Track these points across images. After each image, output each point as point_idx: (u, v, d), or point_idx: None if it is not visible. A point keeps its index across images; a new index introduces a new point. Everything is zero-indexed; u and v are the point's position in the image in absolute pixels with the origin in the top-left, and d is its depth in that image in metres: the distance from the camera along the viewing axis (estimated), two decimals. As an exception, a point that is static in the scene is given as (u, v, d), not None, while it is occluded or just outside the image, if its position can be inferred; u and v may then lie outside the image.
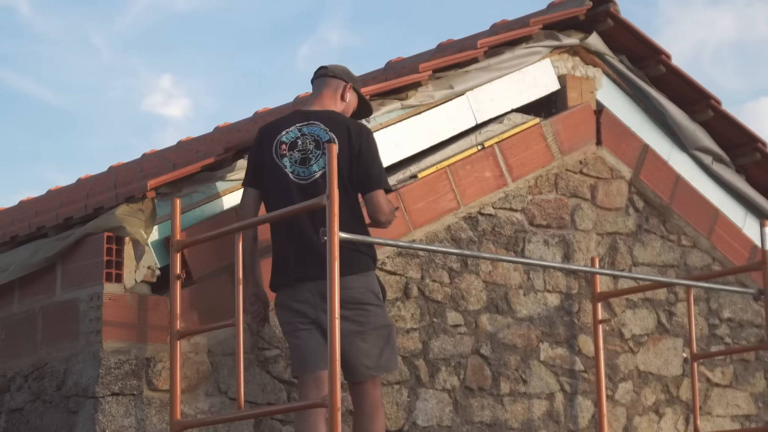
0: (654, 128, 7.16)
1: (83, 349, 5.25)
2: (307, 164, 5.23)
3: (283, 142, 5.28)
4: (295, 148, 5.26)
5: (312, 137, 5.27)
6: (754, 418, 7.19)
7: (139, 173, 6.45)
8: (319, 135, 5.26)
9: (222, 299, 5.42)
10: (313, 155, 5.23)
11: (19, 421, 5.49)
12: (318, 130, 5.28)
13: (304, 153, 5.25)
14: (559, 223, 6.67)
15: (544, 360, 6.46)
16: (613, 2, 6.87)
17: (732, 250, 7.28)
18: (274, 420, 5.54)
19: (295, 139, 5.28)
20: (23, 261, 5.51)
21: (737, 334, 7.24)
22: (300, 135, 5.29)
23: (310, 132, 5.28)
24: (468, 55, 6.42)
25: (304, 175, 5.23)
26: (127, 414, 5.18)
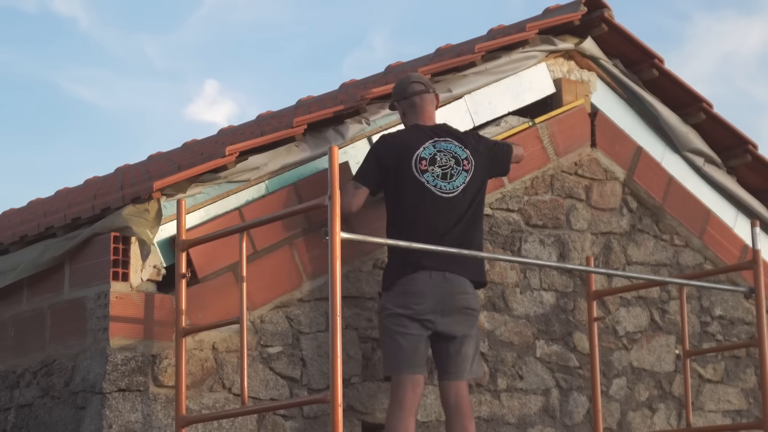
0: (647, 131, 7.15)
1: (91, 346, 5.25)
2: (448, 179, 5.59)
3: (423, 158, 5.60)
4: (435, 163, 5.59)
5: (450, 154, 5.64)
6: (745, 413, 7.19)
7: (145, 174, 6.44)
8: (456, 152, 5.65)
9: (226, 297, 5.42)
10: (454, 171, 5.61)
11: (28, 416, 5.49)
12: (453, 147, 5.66)
13: (445, 169, 5.60)
14: (555, 223, 6.66)
15: (540, 357, 6.45)
16: (607, 8, 6.87)
17: (723, 249, 7.28)
18: (277, 415, 5.54)
19: (433, 155, 5.61)
20: (32, 260, 5.51)
21: (728, 332, 7.24)
22: (436, 151, 5.63)
23: (446, 149, 5.65)
24: (466, 60, 6.42)
25: (447, 189, 5.58)
26: (134, 409, 5.18)
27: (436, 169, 5.60)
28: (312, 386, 5.66)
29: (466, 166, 5.64)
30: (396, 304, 5.52)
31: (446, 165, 5.62)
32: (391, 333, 5.53)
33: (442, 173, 5.60)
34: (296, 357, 5.66)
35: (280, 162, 5.76)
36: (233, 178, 5.62)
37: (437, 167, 5.60)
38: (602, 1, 6.87)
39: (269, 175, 5.75)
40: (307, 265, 5.72)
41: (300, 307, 5.71)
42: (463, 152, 5.67)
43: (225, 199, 5.63)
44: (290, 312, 5.68)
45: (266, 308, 5.61)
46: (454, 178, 5.61)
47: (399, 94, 5.84)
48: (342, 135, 5.94)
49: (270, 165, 5.72)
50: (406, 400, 5.41)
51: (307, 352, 5.69)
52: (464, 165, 5.64)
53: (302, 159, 5.83)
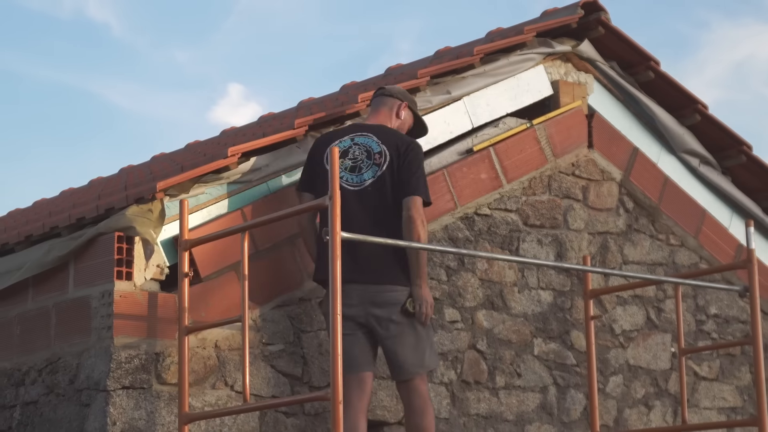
0: (643, 132, 7.15)
1: (95, 344, 5.25)
2: (357, 172, 5.41)
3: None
4: (346, 156, 5.43)
5: (364, 147, 5.45)
6: (740, 411, 7.19)
7: (148, 175, 6.44)
8: (370, 146, 5.45)
9: (228, 296, 5.43)
10: (364, 164, 5.42)
11: (33, 413, 5.49)
12: (370, 142, 5.47)
13: (354, 161, 5.43)
14: (552, 223, 6.67)
15: (538, 354, 6.46)
16: (604, 11, 6.87)
17: (718, 249, 7.28)
18: (279, 412, 5.54)
19: (347, 148, 5.46)
20: (37, 260, 5.51)
21: (723, 330, 7.24)
22: (352, 144, 5.47)
23: (362, 142, 5.47)
24: (464, 62, 6.43)
25: (355, 181, 5.39)
26: (137, 407, 5.18)
27: (346, 161, 5.42)
28: (313, 384, 5.66)
29: (377, 159, 5.42)
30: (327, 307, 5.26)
31: (357, 158, 5.43)
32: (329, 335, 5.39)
33: (351, 166, 5.42)
34: (297, 355, 5.66)
35: (281, 163, 5.76)
36: (235, 179, 5.62)
37: (348, 159, 5.43)
38: (599, 4, 6.87)
39: (271, 176, 5.75)
40: (308, 265, 5.72)
41: (301, 306, 5.71)
42: (378, 147, 5.45)
43: (227, 199, 5.63)
44: (291, 310, 5.68)
45: (268, 307, 5.61)
46: (362, 171, 5.42)
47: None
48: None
49: (272, 166, 5.73)
50: (352, 398, 5.26)
51: (308, 350, 5.69)
52: (375, 158, 5.42)
53: (303, 160, 5.82)
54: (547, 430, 6.40)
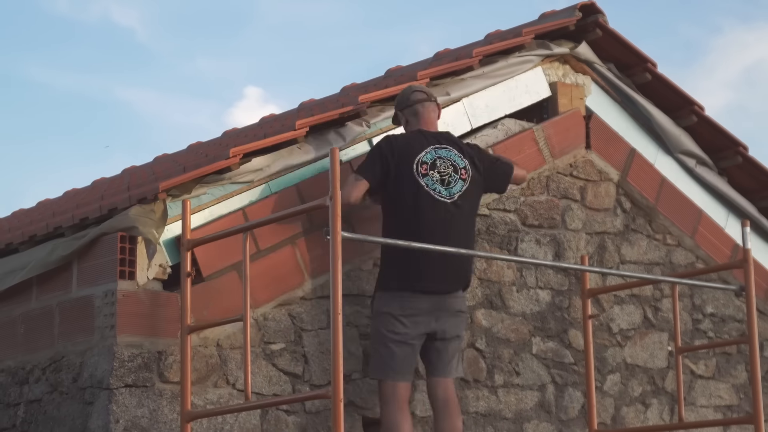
0: (640, 133, 7.15)
1: (98, 343, 5.25)
2: (446, 185, 5.63)
3: (425, 162, 5.63)
4: (434, 168, 5.64)
5: (450, 161, 5.68)
6: (736, 408, 7.19)
7: (151, 176, 6.44)
8: (455, 161, 5.69)
9: (230, 295, 5.43)
10: (452, 178, 5.65)
11: (37, 411, 5.49)
12: (453, 155, 5.71)
13: (443, 175, 5.65)
14: (551, 223, 6.67)
15: (536, 353, 6.46)
16: (601, 13, 6.87)
17: (715, 248, 7.28)
18: (280, 411, 5.55)
19: (434, 160, 5.65)
20: (41, 259, 5.51)
21: (720, 329, 7.24)
22: (437, 157, 5.67)
23: (446, 156, 5.69)
24: (464, 64, 6.43)
25: (444, 194, 5.62)
26: (140, 405, 5.18)
27: (435, 174, 5.63)
28: (314, 382, 5.66)
29: (463, 175, 5.69)
30: (391, 307, 5.55)
31: (445, 171, 5.66)
32: (383, 337, 5.55)
33: (440, 178, 5.64)
34: (298, 354, 5.66)
35: (282, 163, 5.76)
36: (237, 180, 5.62)
37: (436, 172, 5.64)
38: (597, 7, 6.87)
39: (272, 176, 5.75)
40: (308, 264, 5.73)
41: (302, 305, 5.71)
42: (462, 161, 5.71)
43: (229, 199, 5.63)
44: (293, 310, 5.68)
45: (269, 306, 5.61)
46: (451, 185, 5.65)
47: (402, 103, 5.86)
48: (343, 137, 5.94)
49: (273, 166, 5.73)
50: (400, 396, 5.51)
51: (309, 349, 5.69)
52: (461, 174, 5.69)
53: (304, 161, 5.83)
54: (545, 428, 6.40)
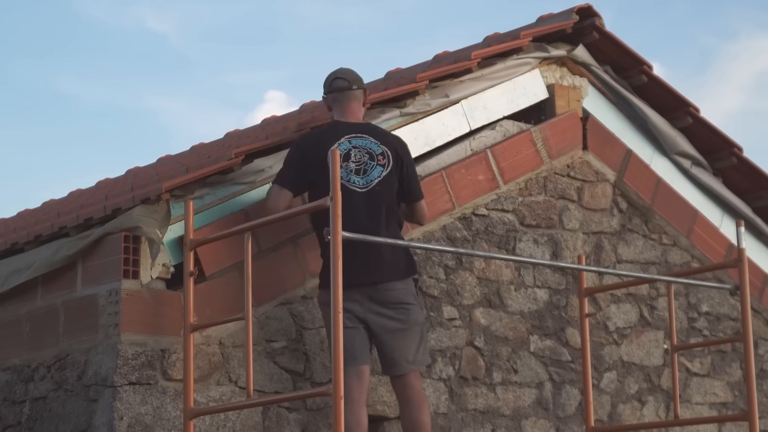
0: (637, 134, 7.16)
1: (102, 341, 5.25)
2: (363, 174, 5.45)
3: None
4: (348, 159, 5.45)
5: (365, 150, 5.49)
6: (731, 406, 7.19)
7: (154, 176, 6.44)
8: (371, 148, 5.50)
9: (232, 294, 5.43)
10: (368, 166, 5.46)
11: (42, 408, 5.49)
12: (369, 143, 5.51)
13: (358, 164, 5.46)
14: (548, 223, 6.67)
15: (534, 351, 6.46)
16: (598, 16, 6.88)
17: (710, 248, 7.28)
18: (281, 408, 5.55)
19: (348, 150, 5.47)
20: (46, 259, 5.51)
21: (715, 327, 7.24)
22: (351, 147, 5.48)
23: (361, 144, 5.50)
24: (462, 66, 6.43)
25: (361, 183, 5.43)
26: (144, 402, 5.18)
27: (350, 164, 5.45)
28: (315, 379, 5.66)
29: (381, 160, 5.50)
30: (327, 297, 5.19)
31: (360, 160, 5.47)
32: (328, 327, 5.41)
33: (356, 168, 5.46)
34: (299, 351, 5.66)
35: (284, 164, 5.75)
36: (239, 180, 5.62)
37: (351, 162, 5.46)
38: (593, 10, 6.87)
39: (273, 177, 5.74)
40: (309, 264, 5.73)
41: (303, 304, 5.71)
42: (379, 148, 5.51)
43: (231, 200, 5.63)
44: (294, 308, 5.68)
45: (271, 305, 5.61)
46: (368, 173, 5.47)
47: (325, 89, 5.70)
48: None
49: (275, 167, 5.72)
50: (353, 391, 5.26)
51: (310, 347, 5.69)
52: (379, 160, 5.50)
53: (305, 161, 5.83)
54: (542, 425, 6.40)
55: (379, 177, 5.47)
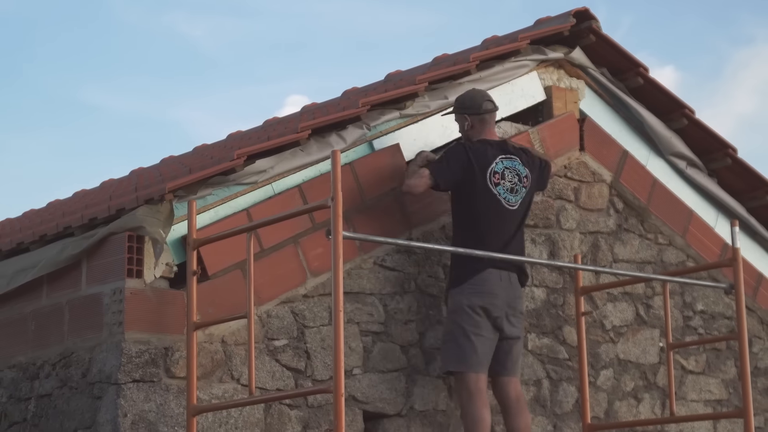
0: (633, 135, 7.15)
1: (106, 339, 5.25)
2: (514, 193, 5.90)
3: (496, 172, 5.86)
4: (504, 178, 5.88)
5: (515, 171, 5.92)
6: (725, 403, 7.19)
7: (158, 177, 6.44)
8: (519, 170, 5.94)
9: (235, 293, 5.42)
10: (518, 187, 5.91)
11: (47, 405, 5.49)
12: (517, 165, 5.95)
13: (512, 184, 5.90)
14: (546, 223, 6.66)
15: (532, 349, 6.45)
16: (595, 19, 6.87)
17: (705, 247, 7.27)
18: (283, 405, 5.54)
19: (503, 170, 5.88)
20: (51, 258, 5.51)
21: (710, 325, 7.24)
22: (505, 168, 5.90)
23: (512, 166, 5.93)
24: (461, 68, 6.42)
25: (512, 202, 5.89)
26: (147, 399, 5.18)
27: (506, 183, 5.89)
28: (316, 377, 5.66)
29: (525, 183, 5.95)
30: (471, 302, 5.72)
31: (513, 181, 5.91)
32: (464, 331, 5.70)
33: (510, 187, 5.89)
34: (301, 350, 5.66)
35: (285, 165, 5.76)
36: (241, 181, 5.62)
37: (507, 182, 5.89)
38: (590, 13, 6.86)
39: (275, 178, 5.75)
40: (311, 263, 5.73)
41: (304, 303, 5.71)
42: (524, 170, 5.95)
43: (233, 200, 5.63)
44: (295, 307, 5.68)
45: (272, 303, 5.61)
46: (517, 193, 5.91)
47: (472, 108, 6.00)
48: (344, 139, 5.94)
49: (276, 168, 5.72)
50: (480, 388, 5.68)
51: (311, 345, 5.69)
52: (524, 182, 5.95)
53: (306, 162, 5.83)
54: (540, 421, 6.40)
55: (522, 198, 5.94)
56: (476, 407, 5.62)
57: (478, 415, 5.61)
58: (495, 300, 5.74)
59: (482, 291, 5.74)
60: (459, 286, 5.78)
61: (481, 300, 5.73)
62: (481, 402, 5.64)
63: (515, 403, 5.79)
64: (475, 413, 5.61)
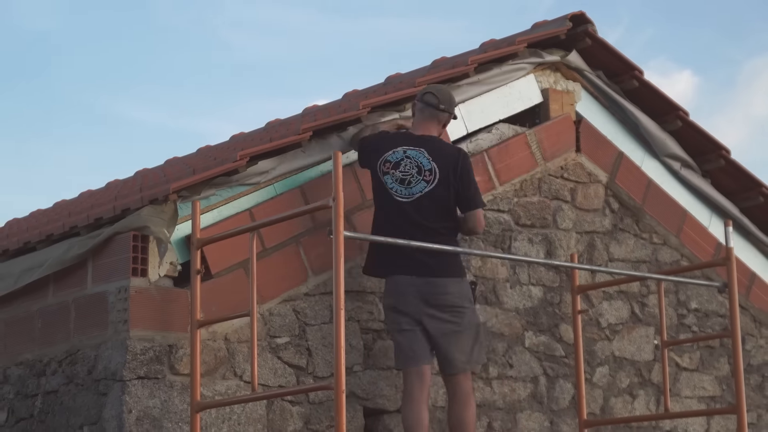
0: (628, 137, 7.15)
1: (112, 337, 5.25)
2: (406, 185, 5.54)
3: (388, 161, 5.58)
4: (398, 168, 5.56)
5: (415, 162, 5.57)
6: (719, 399, 7.19)
7: (162, 178, 6.44)
8: (421, 162, 5.57)
9: (237, 292, 5.42)
10: (413, 179, 5.54)
11: (54, 402, 5.49)
12: (420, 157, 5.58)
13: (405, 174, 5.55)
14: (542, 223, 6.66)
15: (529, 347, 6.45)
16: (591, 23, 6.87)
17: (699, 247, 7.27)
18: (285, 401, 5.54)
19: (399, 160, 5.57)
20: (58, 257, 5.51)
21: (703, 323, 7.24)
22: (404, 157, 5.58)
23: (413, 156, 5.58)
24: (460, 71, 6.42)
25: (404, 194, 5.53)
26: (152, 396, 5.18)
27: (396, 173, 5.57)
28: (317, 374, 5.66)
29: (427, 176, 5.57)
30: (387, 302, 5.60)
31: (407, 172, 5.57)
32: (391, 330, 5.61)
33: (401, 178, 5.57)
34: (302, 347, 5.66)
35: (287, 166, 5.76)
36: (244, 181, 5.62)
37: (398, 172, 5.58)
38: (586, 17, 6.86)
39: (277, 178, 5.75)
40: (312, 262, 5.72)
41: (306, 301, 5.71)
42: (429, 164, 5.59)
43: (236, 200, 5.63)
44: (297, 305, 5.68)
45: (275, 302, 5.61)
46: (411, 185, 5.56)
47: (417, 95, 5.87)
48: (345, 141, 5.94)
49: (278, 169, 5.72)
50: (414, 390, 5.43)
51: (312, 343, 5.69)
52: (425, 175, 5.58)
53: (308, 163, 5.83)
54: (537, 417, 6.40)
55: (420, 192, 5.55)
56: (410, 407, 5.37)
57: (411, 415, 5.35)
58: (407, 298, 5.48)
59: (393, 291, 5.54)
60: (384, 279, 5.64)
61: (395, 300, 5.52)
62: (416, 402, 5.37)
63: (450, 398, 5.57)
64: (409, 414, 5.36)
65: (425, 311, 5.49)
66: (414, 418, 5.36)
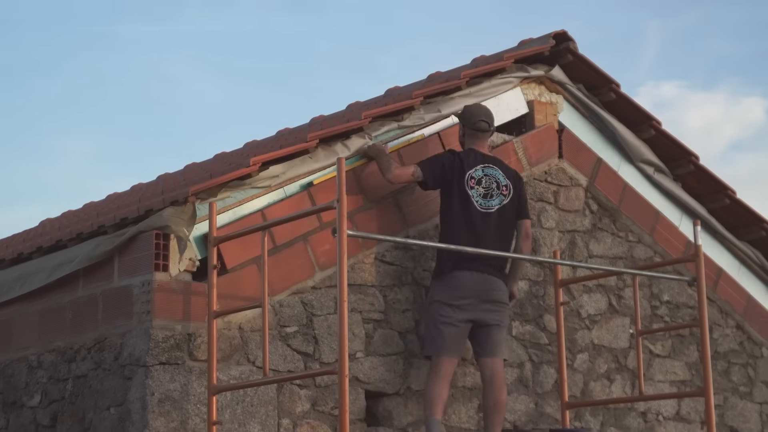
0: (606, 144, 7.15)
1: (136, 326, 5.25)
2: (488, 198, 5.86)
3: (473, 177, 5.85)
4: (480, 184, 5.86)
5: (494, 179, 5.90)
6: (689, 383, 7.19)
7: (182, 181, 6.44)
8: (498, 178, 5.92)
9: (250, 285, 5.43)
10: (494, 193, 5.87)
11: (83, 385, 5.50)
12: (497, 174, 5.93)
13: (487, 190, 5.86)
14: (528, 223, 6.65)
15: (516, 335, 6.45)
16: (572, 41, 6.87)
17: (670, 244, 7.28)
18: (294, 385, 5.54)
19: (481, 177, 5.87)
20: (87, 254, 5.52)
21: (674, 314, 7.24)
22: (484, 175, 5.88)
23: (491, 174, 5.91)
24: (453, 84, 6.42)
25: (485, 206, 5.84)
26: (173, 380, 5.18)
27: (480, 188, 5.85)
28: (323, 360, 5.66)
29: (504, 191, 5.90)
30: (441, 296, 5.71)
31: (489, 187, 5.87)
32: (435, 320, 5.68)
33: (484, 192, 5.84)
34: (310, 335, 5.66)
35: (296, 171, 5.76)
36: (256, 185, 5.62)
37: (481, 187, 5.85)
38: (568, 35, 6.86)
39: (287, 182, 5.75)
40: (318, 258, 5.73)
41: (313, 293, 5.71)
42: (504, 180, 5.92)
43: (250, 202, 5.63)
44: (304, 297, 5.68)
45: (284, 294, 5.61)
46: (492, 198, 5.84)
47: (468, 121, 6.03)
48: (348, 148, 5.94)
49: (288, 173, 5.72)
50: (443, 372, 5.65)
51: (318, 331, 5.69)
52: (502, 190, 5.90)
53: (315, 168, 5.83)
54: (523, 400, 6.40)
55: (499, 205, 5.86)
56: (436, 384, 5.62)
57: (436, 390, 5.61)
58: (464, 293, 5.70)
59: (452, 286, 5.71)
60: (436, 279, 5.80)
61: (451, 294, 5.70)
62: (443, 381, 5.64)
63: (489, 381, 5.74)
64: (434, 389, 5.61)
65: (480, 307, 5.72)
66: (438, 392, 5.58)
